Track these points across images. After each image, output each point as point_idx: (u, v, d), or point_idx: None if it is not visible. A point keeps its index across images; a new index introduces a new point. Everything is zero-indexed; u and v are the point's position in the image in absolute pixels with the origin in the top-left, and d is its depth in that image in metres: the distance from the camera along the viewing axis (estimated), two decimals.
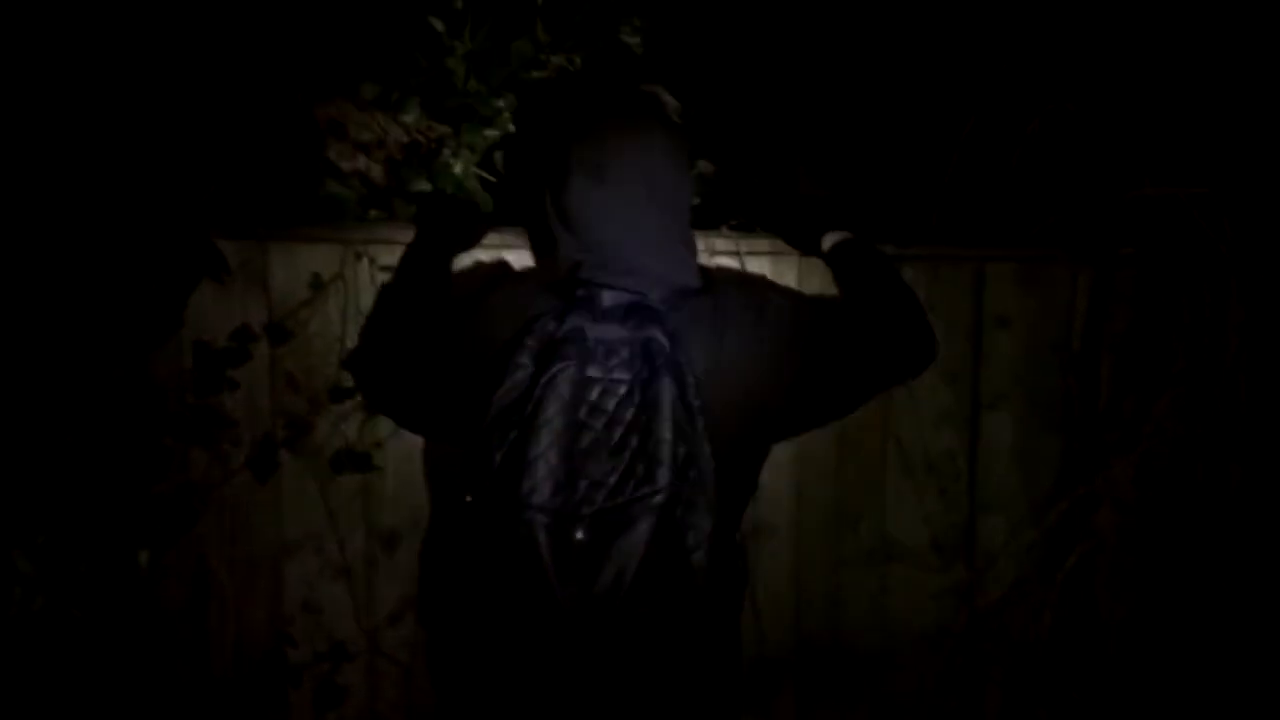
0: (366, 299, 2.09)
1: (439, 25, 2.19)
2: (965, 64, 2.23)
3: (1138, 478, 2.10)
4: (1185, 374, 2.04)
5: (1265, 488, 2.07)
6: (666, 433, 1.54)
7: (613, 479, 1.55)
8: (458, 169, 2.21)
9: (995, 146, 2.14)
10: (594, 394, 1.58)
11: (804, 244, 2.01)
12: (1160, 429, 1.99)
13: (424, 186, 2.19)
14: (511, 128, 2.20)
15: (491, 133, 2.22)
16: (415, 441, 2.13)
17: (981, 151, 2.14)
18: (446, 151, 2.21)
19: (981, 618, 2.18)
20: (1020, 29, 2.24)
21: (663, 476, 1.53)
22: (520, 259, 2.08)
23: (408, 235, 2.04)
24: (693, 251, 1.73)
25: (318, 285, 2.09)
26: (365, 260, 2.09)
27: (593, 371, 1.59)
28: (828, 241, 1.94)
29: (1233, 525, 2.07)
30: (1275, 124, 2.12)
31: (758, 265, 2.10)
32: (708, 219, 2.13)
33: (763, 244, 2.09)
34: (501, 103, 2.20)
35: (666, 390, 1.56)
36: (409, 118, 2.21)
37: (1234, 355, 1.98)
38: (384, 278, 2.09)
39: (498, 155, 2.22)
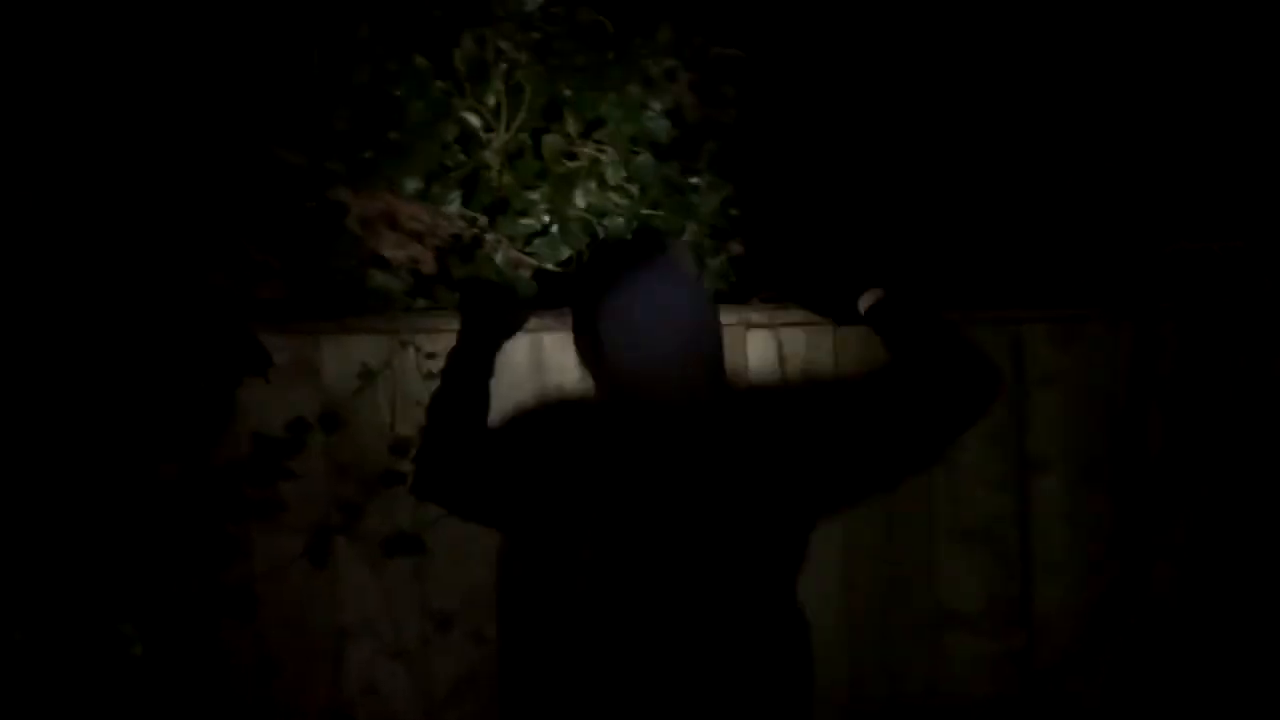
0: (414, 386, 2.16)
1: (474, 121, 2.28)
2: (995, 125, 2.25)
3: (1193, 535, 2.05)
4: (1235, 427, 1.99)
5: None
6: None
7: None
8: (499, 259, 2.28)
9: (1030, 204, 2.15)
10: None
11: (839, 312, 2.03)
12: (1214, 484, 1.94)
13: (468, 275, 2.26)
14: (546, 219, 2.27)
15: (528, 222, 2.29)
16: (465, 525, 2.18)
17: (1016, 210, 2.14)
18: (489, 240, 2.29)
19: (1039, 684, 2.13)
20: (1053, 87, 2.25)
21: None
22: (558, 341, 2.14)
23: (452, 323, 2.11)
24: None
25: (367, 375, 2.17)
26: (412, 349, 2.17)
27: None
28: (864, 303, 1.96)
29: None
30: None
31: (792, 336, 2.12)
32: (741, 293, 2.17)
33: (797, 315, 2.11)
34: (536, 195, 2.27)
35: None
36: (450, 209, 2.30)
37: None
38: (430, 365, 2.16)
39: (537, 242, 2.29)
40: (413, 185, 2.27)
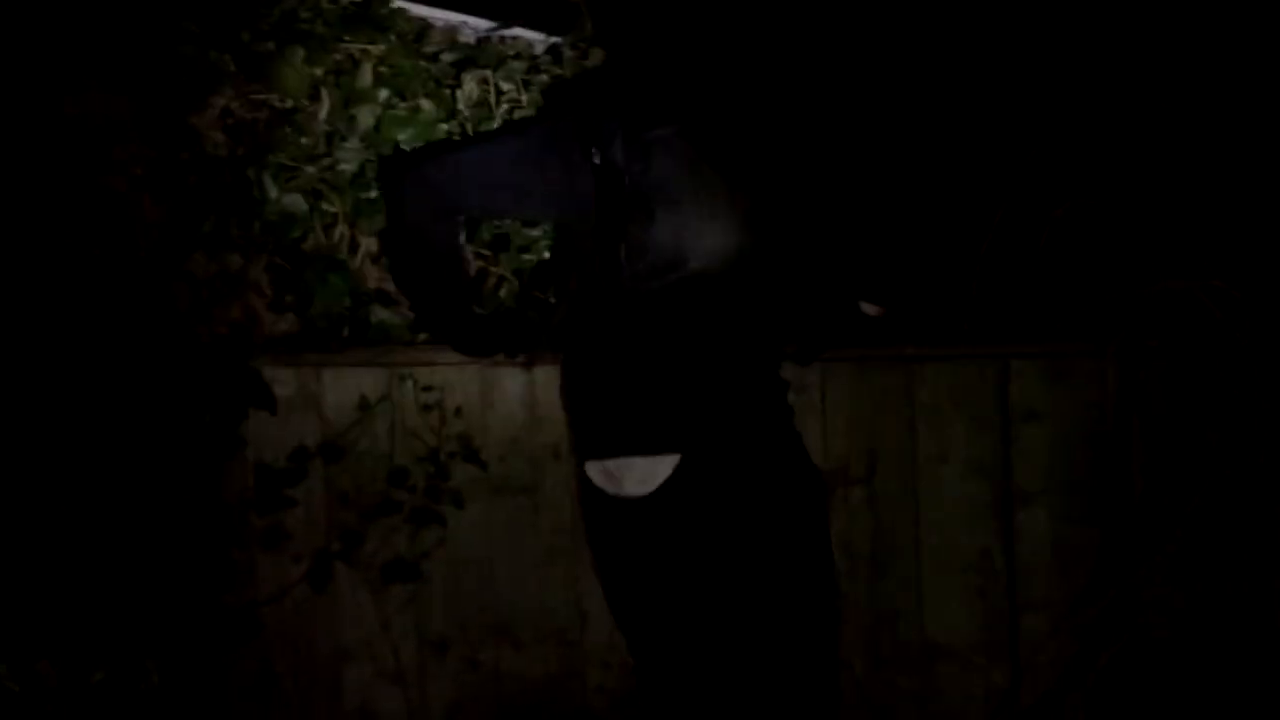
0: (411, 418, 2.23)
1: None
2: (981, 165, 2.27)
3: (1176, 569, 2.04)
4: (1218, 463, 1.99)
5: None
6: None
7: None
8: (502, 293, 2.35)
9: (1017, 244, 2.17)
10: None
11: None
12: (1195, 521, 1.94)
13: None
14: (548, 254, 2.33)
15: (529, 258, 2.36)
16: (460, 552, 2.24)
17: (1003, 249, 2.16)
18: (493, 274, 2.36)
19: (1025, 716, 2.13)
20: (1040, 127, 2.27)
21: None
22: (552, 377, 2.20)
23: (448, 357, 2.18)
24: None
25: (366, 407, 2.24)
26: (410, 382, 2.24)
27: None
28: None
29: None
30: None
31: None
32: None
33: None
34: (537, 232, 2.34)
35: None
36: None
37: (1267, 444, 1.93)
38: (427, 398, 2.23)
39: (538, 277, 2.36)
40: None
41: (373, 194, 2.32)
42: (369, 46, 2.36)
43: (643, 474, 1.80)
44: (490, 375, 2.24)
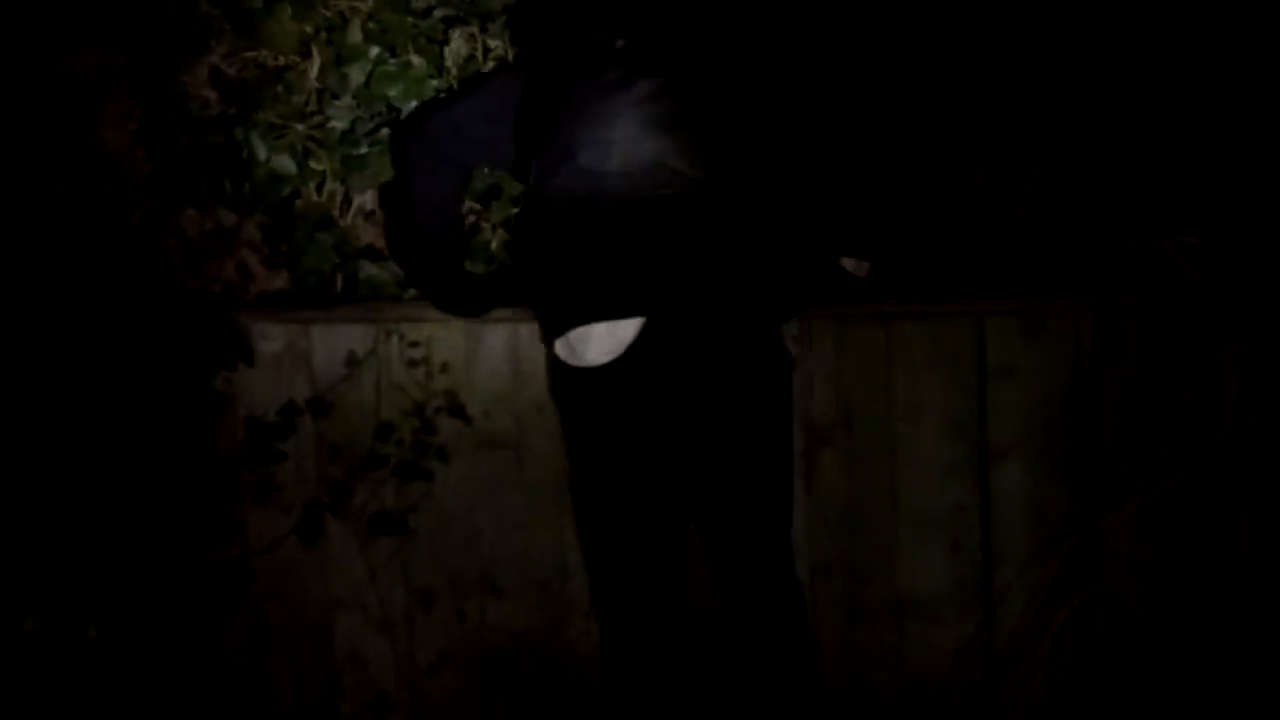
0: (398, 373, 2.27)
1: None
2: (960, 122, 2.27)
3: (1142, 524, 2.08)
4: (1188, 419, 2.02)
5: (1275, 534, 2.02)
6: None
7: None
8: (493, 244, 2.37)
9: (994, 201, 2.18)
10: None
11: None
12: (1161, 475, 1.97)
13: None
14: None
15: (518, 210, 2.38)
16: (446, 505, 2.29)
17: (981, 207, 2.17)
18: (485, 227, 2.38)
19: (998, 669, 2.18)
20: (1018, 84, 2.27)
21: None
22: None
23: (435, 313, 2.21)
24: None
25: (354, 362, 2.28)
26: (396, 337, 2.28)
27: None
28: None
29: (1244, 573, 2.03)
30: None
31: None
32: None
33: None
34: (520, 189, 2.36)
35: None
36: None
37: (1234, 398, 1.95)
38: (413, 353, 2.27)
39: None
40: None
41: (363, 150, 2.34)
42: (358, 4, 2.37)
43: (602, 341, 1.84)
44: (476, 331, 2.27)
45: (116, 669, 2.17)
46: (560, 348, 1.91)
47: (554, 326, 1.91)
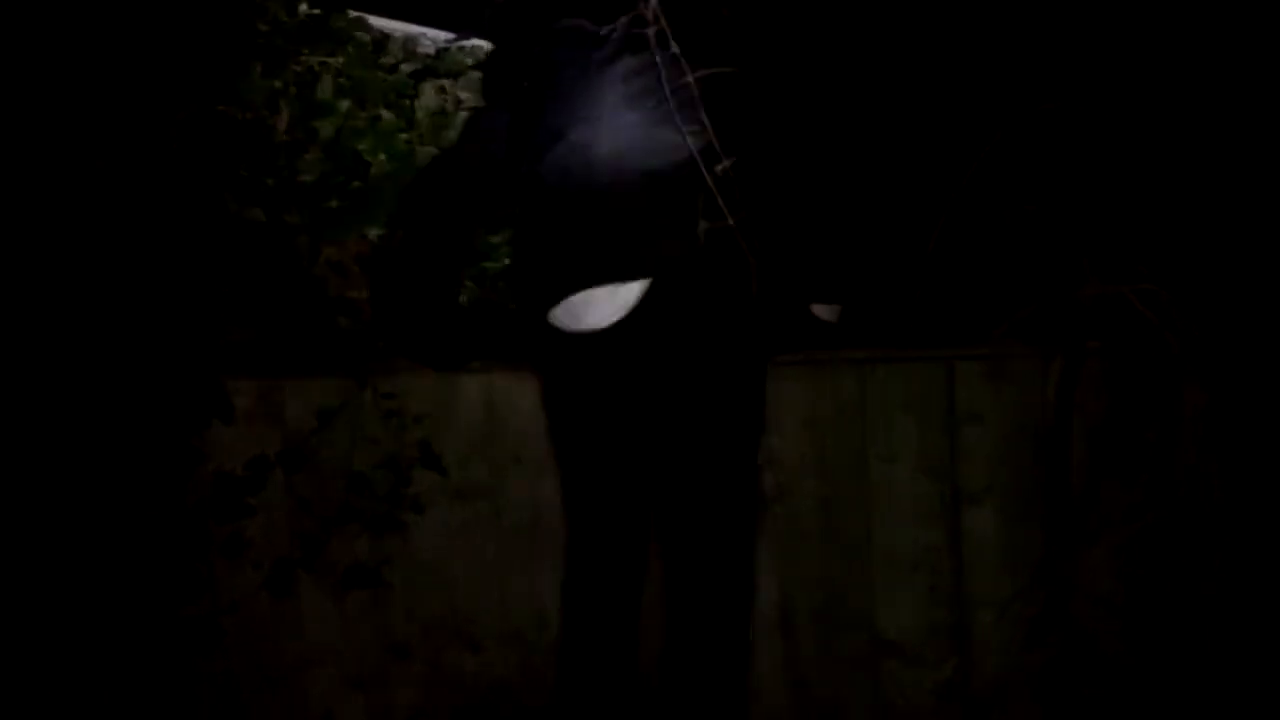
0: (372, 425, 2.26)
1: None
2: (925, 169, 2.33)
3: (1114, 565, 2.11)
4: (1153, 460, 2.06)
5: (1245, 573, 2.06)
6: None
7: None
8: (464, 299, 2.38)
9: (960, 248, 2.22)
10: None
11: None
12: (1130, 515, 2.01)
13: None
14: (509, 261, 2.37)
15: (490, 265, 2.40)
16: (421, 557, 2.27)
17: (946, 253, 2.22)
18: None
19: (977, 711, 2.20)
20: (984, 131, 2.33)
21: None
22: (510, 381, 2.24)
23: (408, 364, 2.21)
24: None
25: (326, 415, 2.27)
26: (369, 390, 2.27)
27: None
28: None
29: (1217, 613, 2.07)
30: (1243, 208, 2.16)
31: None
32: None
33: None
34: (498, 238, 2.38)
35: None
36: None
37: (1198, 441, 2.00)
38: (388, 405, 2.26)
39: (501, 285, 2.40)
40: (376, 233, 2.38)
41: (333, 204, 2.35)
42: (329, 59, 2.39)
43: (603, 305, 1.84)
44: (450, 382, 2.28)
45: None
46: (560, 314, 1.88)
47: (552, 294, 1.89)
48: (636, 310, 1.82)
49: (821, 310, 2.08)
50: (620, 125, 1.82)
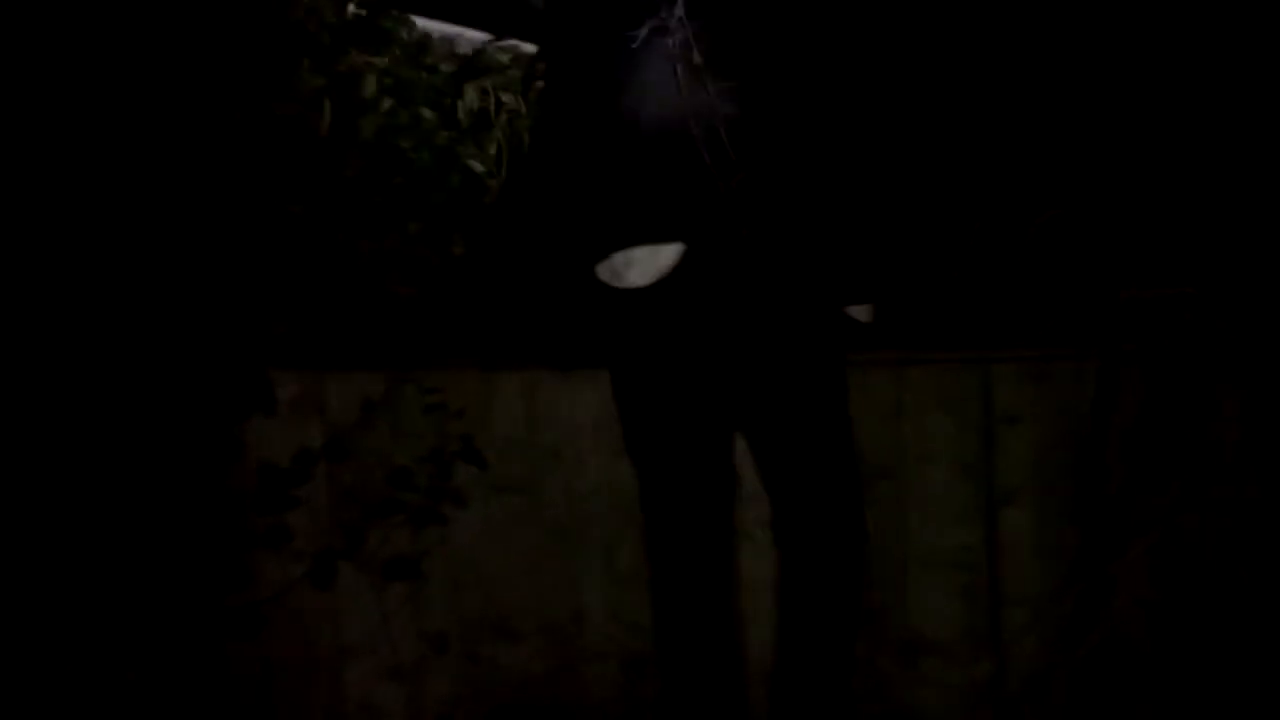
0: (413, 419, 2.29)
1: (478, 168, 2.42)
2: (962, 170, 2.35)
3: (1151, 566, 2.13)
4: (1190, 463, 2.08)
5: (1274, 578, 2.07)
6: None
7: None
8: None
9: (999, 250, 2.24)
10: None
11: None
12: (1167, 517, 2.03)
13: None
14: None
15: None
16: (460, 551, 2.30)
17: (985, 255, 2.24)
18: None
19: (1010, 711, 2.21)
20: (1022, 133, 2.35)
21: None
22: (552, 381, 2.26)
23: (449, 358, 2.24)
24: None
25: (369, 408, 2.29)
26: (411, 385, 2.30)
27: None
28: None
29: (1251, 614, 2.08)
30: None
31: None
32: None
33: None
34: None
35: None
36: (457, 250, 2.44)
37: (1234, 443, 2.02)
38: (429, 398, 2.29)
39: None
40: (415, 227, 2.42)
41: (376, 200, 2.38)
42: (373, 59, 2.42)
43: (645, 264, 1.89)
44: (491, 378, 2.30)
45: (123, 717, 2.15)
46: (604, 271, 1.94)
47: (598, 251, 1.94)
48: (676, 270, 1.88)
49: (856, 311, 2.10)
50: (667, 96, 1.86)
